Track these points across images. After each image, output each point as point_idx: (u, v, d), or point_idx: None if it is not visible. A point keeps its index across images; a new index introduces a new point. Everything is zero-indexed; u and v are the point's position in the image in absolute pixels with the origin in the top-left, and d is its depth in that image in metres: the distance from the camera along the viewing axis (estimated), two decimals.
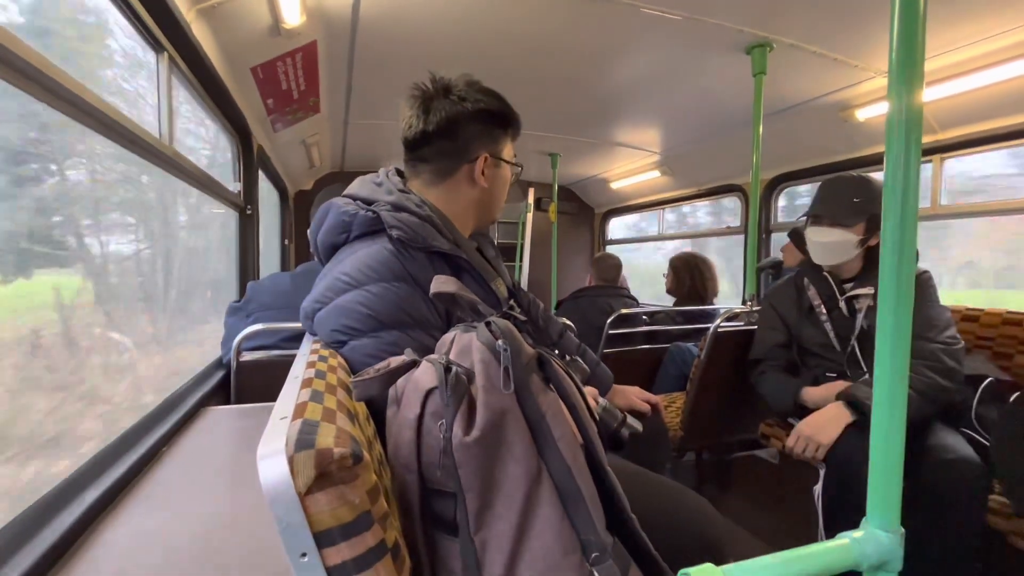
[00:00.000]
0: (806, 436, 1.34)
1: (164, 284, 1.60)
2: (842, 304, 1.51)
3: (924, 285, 1.44)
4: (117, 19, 1.13)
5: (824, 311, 1.54)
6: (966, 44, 1.67)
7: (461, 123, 0.92)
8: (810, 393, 1.48)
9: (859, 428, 1.30)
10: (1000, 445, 1.17)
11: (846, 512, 1.27)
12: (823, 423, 1.33)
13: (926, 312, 1.39)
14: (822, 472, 1.34)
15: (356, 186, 0.95)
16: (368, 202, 0.89)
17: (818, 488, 1.35)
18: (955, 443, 1.24)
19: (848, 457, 1.26)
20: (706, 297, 2.60)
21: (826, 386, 1.47)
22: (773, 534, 1.82)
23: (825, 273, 1.56)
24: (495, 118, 0.95)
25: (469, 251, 0.93)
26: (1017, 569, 1.19)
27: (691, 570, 0.43)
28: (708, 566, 0.44)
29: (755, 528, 1.88)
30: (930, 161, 2.13)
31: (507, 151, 0.99)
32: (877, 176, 1.51)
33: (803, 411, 1.45)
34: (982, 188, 2.14)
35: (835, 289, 1.53)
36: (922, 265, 1.47)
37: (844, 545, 0.51)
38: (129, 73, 1.23)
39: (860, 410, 1.30)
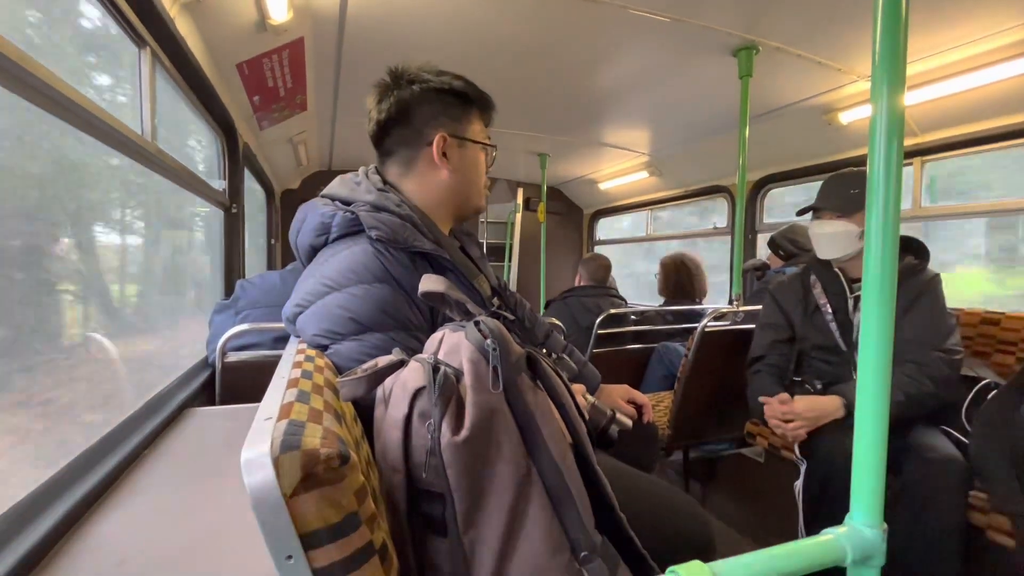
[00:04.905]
0: (806, 418, 1.33)
1: None
2: (850, 303, 1.49)
3: (936, 290, 1.41)
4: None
5: (830, 310, 1.51)
6: (946, 49, 1.70)
7: (412, 105, 0.90)
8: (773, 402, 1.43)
9: (842, 427, 1.31)
10: (977, 441, 1.20)
11: (827, 508, 1.29)
12: (824, 413, 1.34)
13: (936, 319, 1.38)
14: (803, 468, 1.35)
15: (335, 185, 0.92)
16: (347, 202, 0.87)
17: (799, 484, 1.36)
18: (938, 442, 1.26)
19: (830, 455, 1.27)
20: (695, 296, 2.63)
21: (810, 398, 1.43)
22: (758, 531, 1.84)
23: (837, 270, 1.53)
24: (451, 95, 0.92)
25: (451, 250, 0.91)
26: (995, 563, 1.22)
27: (679, 568, 0.44)
28: (696, 563, 0.44)
29: (741, 525, 1.90)
30: (911, 164, 2.17)
31: (474, 131, 0.95)
32: None
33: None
34: None
35: (846, 287, 1.50)
36: (932, 267, 1.44)
37: (829, 541, 0.52)
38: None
39: (851, 412, 1.32)
